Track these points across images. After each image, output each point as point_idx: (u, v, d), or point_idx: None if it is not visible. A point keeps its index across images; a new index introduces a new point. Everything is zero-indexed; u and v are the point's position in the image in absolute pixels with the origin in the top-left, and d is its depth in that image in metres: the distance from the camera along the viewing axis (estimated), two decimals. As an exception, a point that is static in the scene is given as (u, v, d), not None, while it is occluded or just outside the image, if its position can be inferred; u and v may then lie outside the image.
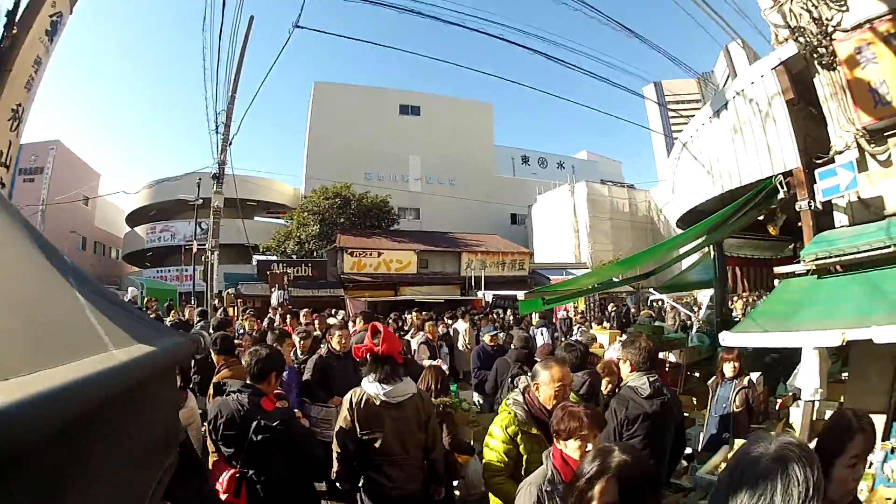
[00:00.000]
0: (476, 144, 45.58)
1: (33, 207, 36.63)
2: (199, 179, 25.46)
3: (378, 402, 3.74)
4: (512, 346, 7.91)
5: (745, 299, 20.69)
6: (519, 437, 3.41)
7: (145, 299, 21.84)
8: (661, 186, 44.09)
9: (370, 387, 3.77)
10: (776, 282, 7.04)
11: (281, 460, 3.59)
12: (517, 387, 4.07)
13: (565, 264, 33.19)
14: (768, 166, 7.42)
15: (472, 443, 5.44)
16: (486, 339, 9.06)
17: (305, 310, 12.03)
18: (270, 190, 41.87)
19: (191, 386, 5.64)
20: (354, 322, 10.08)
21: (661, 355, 8.88)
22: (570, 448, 2.72)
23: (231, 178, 21.13)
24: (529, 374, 3.90)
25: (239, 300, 24.54)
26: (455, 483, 5.00)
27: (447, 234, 32.77)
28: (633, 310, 24.09)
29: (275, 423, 3.54)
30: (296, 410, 4.27)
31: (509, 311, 21.22)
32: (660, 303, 26.00)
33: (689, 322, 16.18)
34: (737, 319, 10.37)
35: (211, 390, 5.01)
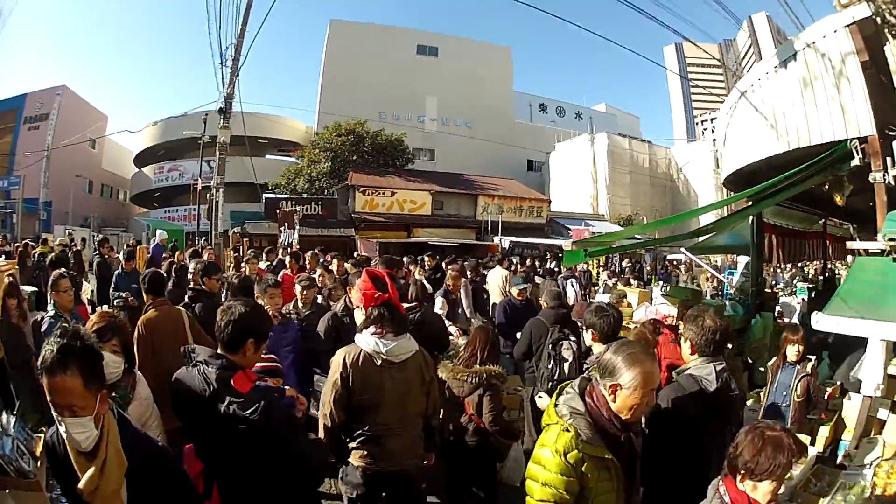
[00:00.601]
0: (494, 88, 43.94)
1: (39, 154, 35.54)
2: (206, 115, 24.29)
3: (379, 362, 3.14)
4: (542, 303, 6.44)
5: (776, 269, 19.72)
6: (585, 465, 2.11)
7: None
8: (679, 145, 42.78)
9: (369, 342, 3.14)
10: (848, 258, 5.96)
11: (258, 460, 2.53)
12: (560, 357, 3.96)
13: (584, 215, 32.07)
14: (841, 128, 6.33)
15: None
16: (514, 291, 7.63)
17: (311, 252, 10.40)
18: (282, 127, 40.50)
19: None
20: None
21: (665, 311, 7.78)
22: (761, 492, 1.99)
23: (239, 115, 19.94)
24: (598, 368, 2.45)
25: (245, 240, 23.51)
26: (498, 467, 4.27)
27: (463, 175, 31.47)
28: (647, 267, 22.74)
29: (248, 412, 2.40)
30: (291, 391, 2.97)
31: (528, 259, 19.93)
32: (676, 262, 24.93)
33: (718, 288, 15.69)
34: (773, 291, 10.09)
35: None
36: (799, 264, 18.96)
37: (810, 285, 13.31)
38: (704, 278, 18.63)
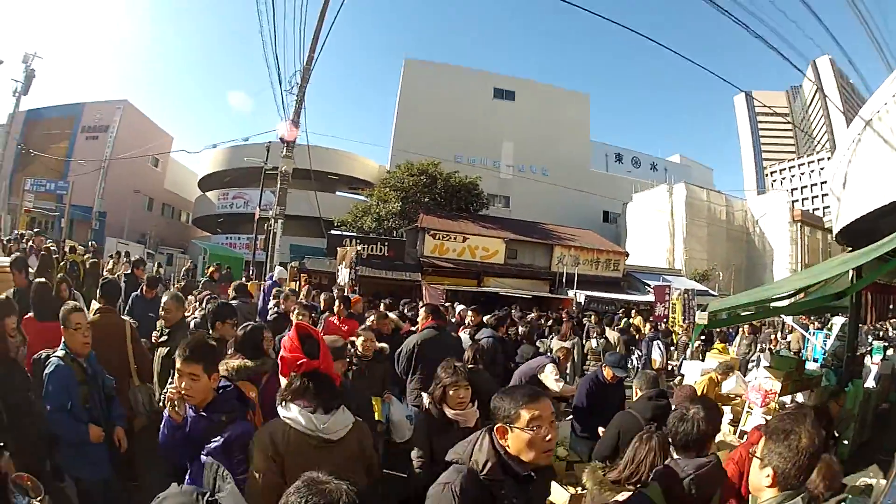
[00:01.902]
0: (571, 135, 42.28)
1: (95, 163, 35.31)
2: (269, 144, 23.21)
3: (314, 442, 2.54)
4: (636, 390, 4.87)
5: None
6: None
7: (208, 267, 19.84)
8: (752, 196, 40.22)
9: (299, 418, 2.54)
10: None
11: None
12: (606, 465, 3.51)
13: (661, 269, 29.79)
14: None
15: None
16: (607, 371, 5.68)
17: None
18: (354, 164, 39.59)
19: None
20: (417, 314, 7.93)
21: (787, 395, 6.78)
22: None
23: (305, 147, 19.34)
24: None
25: (303, 275, 22.06)
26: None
27: (539, 224, 29.44)
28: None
29: None
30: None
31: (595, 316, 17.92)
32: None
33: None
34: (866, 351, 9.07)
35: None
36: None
37: (885, 343, 11.98)
38: (796, 340, 16.18)
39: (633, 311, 19.58)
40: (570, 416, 6.51)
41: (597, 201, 39.33)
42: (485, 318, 9.72)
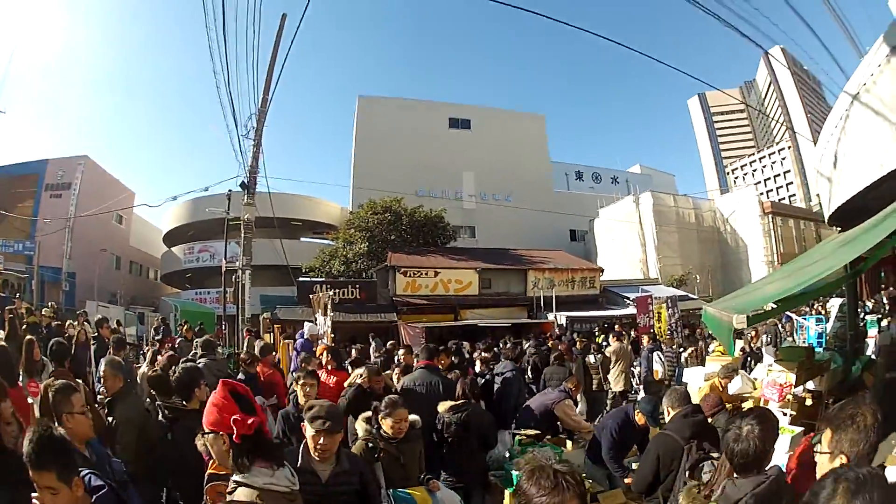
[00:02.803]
0: (530, 158, 42.23)
1: (60, 223, 34.35)
2: (230, 192, 22.22)
3: (291, 497, 2.42)
4: (667, 409, 4.39)
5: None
6: None
7: (179, 323, 19.11)
8: (721, 196, 40.20)
9: (280, 478, 2.37)
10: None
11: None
12: (699, 482, 3.17)
13: (637, 280, 29.32)
14: None
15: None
16: (639, 417, 5.14)
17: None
18: (316, 208, 38.88)
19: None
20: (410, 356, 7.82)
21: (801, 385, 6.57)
22: None
23: (267, 195, 18.47)
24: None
25: (276, 326, 21.19)
26: None
27: (509, 250, 28.77)
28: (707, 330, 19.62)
29: None
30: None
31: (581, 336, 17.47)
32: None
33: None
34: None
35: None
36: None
37: (877, 316, 11.50)
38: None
39: (609, 332, 18.86)
40: (582, 444, 6.25)
41: (563, 221, 38.80)
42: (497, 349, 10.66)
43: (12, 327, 9.09)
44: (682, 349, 14.12)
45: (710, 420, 4.36)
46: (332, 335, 15.44)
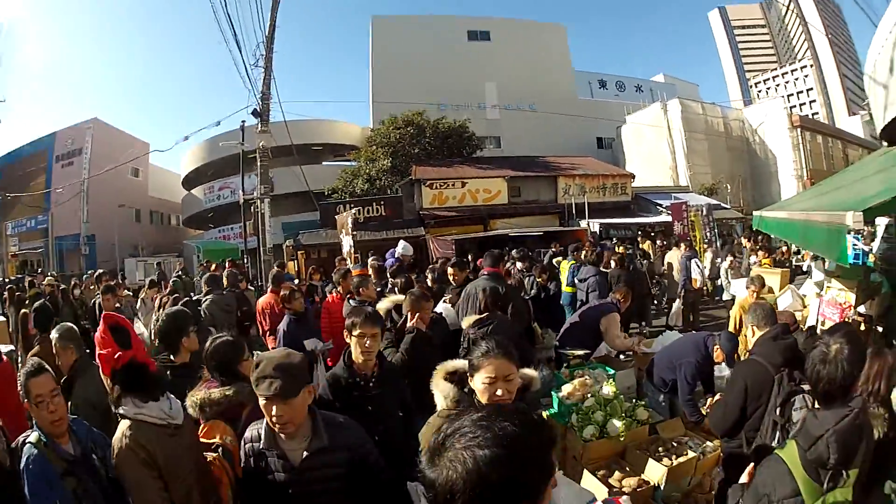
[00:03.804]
0: (553, 68, 40.29)
1: (75, 188, 33.57)
2: (243, 122, 21.28)
3: (170, 430, 2.41)
4: (752, 328, 3.72)
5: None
6: None
7: (201, 263, 18.50)
8: (751, 106, 38.44)
9: (153, 409, 2.39)
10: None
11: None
12: (789, 426, 2.81)
13: (668, 188, 28.17)
14: None
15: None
16: (718, 353, 4.48)
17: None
18: (336, 131, 37.48)
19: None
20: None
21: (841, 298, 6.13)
22: None
23: (283, 123, 18.28)
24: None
25: (300, 252, 20.51)
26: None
27: (537, 158, 27.57)
28: (743, 241, 18.52)
29: None
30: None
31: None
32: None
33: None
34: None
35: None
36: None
37: None
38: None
39: (640, 237, 17.91)
40: (633, 363, 5.69)
41: (589, 129, 37.61)
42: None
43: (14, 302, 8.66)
44: (719, 259, 13.56)
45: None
46: (356, 254, 14.76)
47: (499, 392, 2.22)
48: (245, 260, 22.82)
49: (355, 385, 3.14)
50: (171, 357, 3.55)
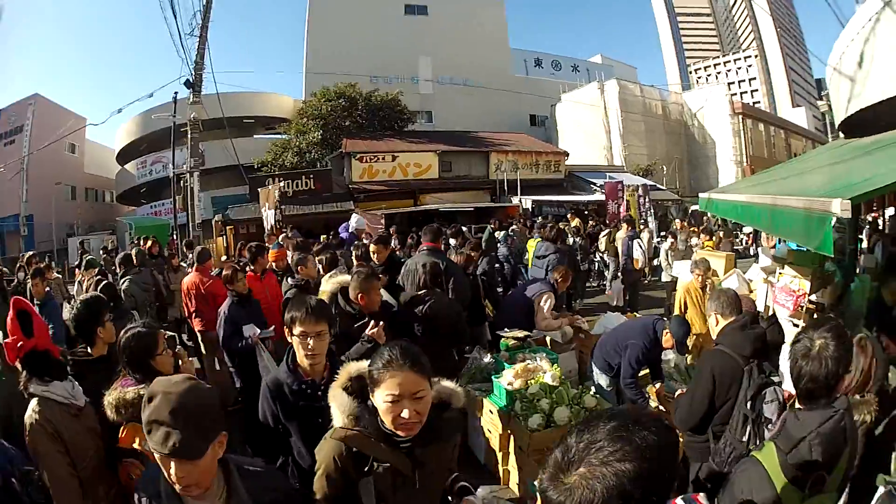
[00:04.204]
0: (489, 44, 39.72)
1: (15, 167, 31.77)
2: (176, 94, 20.28)
3: (73, 411, 2.45)
4: (715, 316, 3.33)
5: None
6: None
7: (132, 241, 17.65)
8: (691, 91, 38.81)
9: (57, 389, 2.42)
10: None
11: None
12: (761, 419, 2.68)
13: (603, 167, 28.17)
14: None
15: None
16: (667, 338, 4.23)
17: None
18: (268, 103, 36.05)
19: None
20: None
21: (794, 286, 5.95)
22: None
23: (216, 96, 17.91)
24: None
25: (229, 227, 19.79)
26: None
27: (470, 133, 27.19)
28: (677, 221, 18.67)
29: None
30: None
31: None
32: (704, 214, 21.48)
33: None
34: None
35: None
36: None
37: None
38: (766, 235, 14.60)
39: (570, 214, 17.66)
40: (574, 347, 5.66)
41: (523, 106, 37.26)
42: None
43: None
44: (657, 239, 13.69)
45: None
46: (282, 228, 14.24)
47: (405, 413, 1.70)
48: (175, 235, 21.95)
49: (301, 393, 2.53)
50: (88, 350, 3.07)
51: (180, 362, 3.16)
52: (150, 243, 12.77)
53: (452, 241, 9.61)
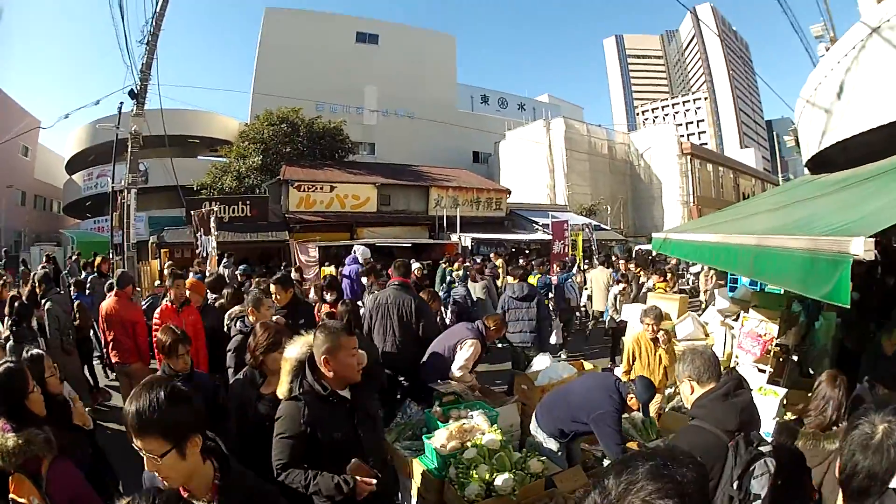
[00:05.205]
0: (437, 78, 39.69)
1: None
2: (121, 104, 19.33)
3: None
4: (687, 381, 2.91)
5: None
6: None
7: (69, 256, 16.54)
8: (638, 131, 39.18)
9: None
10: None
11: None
12: (749, 496, 2.30)
13: (545, 206, 28.03)
14: None
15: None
16: (633, 402, 3.97)
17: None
18: (213, 124, 35.05)
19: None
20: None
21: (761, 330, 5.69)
22: None
23: (158, 112, 16.89)
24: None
25: (163, 250, 19.00)
26: None
27: (410, 166, 26.76)
28: (620, 260, 18.57)
29: None
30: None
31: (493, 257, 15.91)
32: (649, 253, 21.53)
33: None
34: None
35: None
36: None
37: None
38: (704, 275, 14.45)
39: (493, 254, 17.22)
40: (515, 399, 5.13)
41: (466, 142, 37.26)
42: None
43: None
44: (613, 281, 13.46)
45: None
46: (218, 256, 13.66)
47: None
48: (111, 254, 20.94)
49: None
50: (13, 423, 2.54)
51: (72, 404, 3.04)
52: (99, 260, 12.25)
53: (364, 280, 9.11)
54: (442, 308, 8.35)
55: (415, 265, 10.56)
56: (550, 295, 10.74)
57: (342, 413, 2.57)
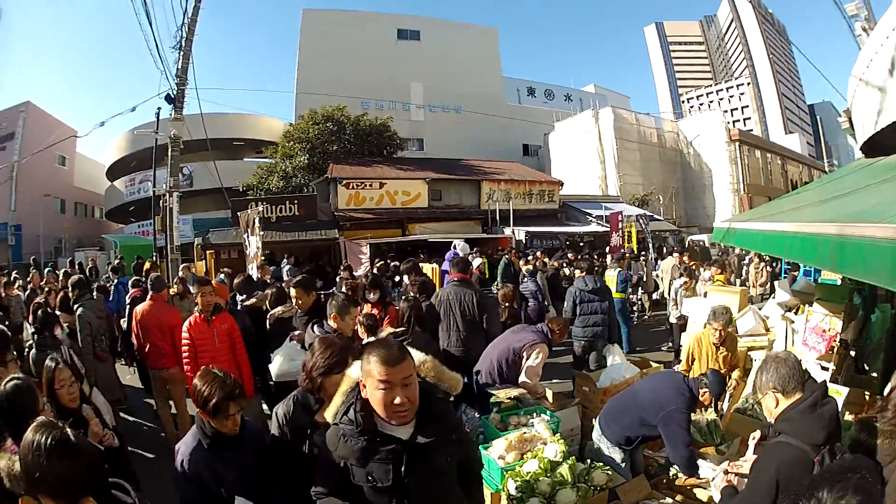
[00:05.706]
0: (482, 71, 38.98)
1: (3, 174, 30.36)
2: (159, 109, 19.08)
3: None
4: (765, 389, 2.50)
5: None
6: None
7: (110, 261, 17.86)
8: (686, 119, 37.80)
9: None
10: None
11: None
12: None
13: (598, 197, 26.96)
14: None
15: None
16: (705, 396, 3.73)
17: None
18: (259, 127, 34.99)
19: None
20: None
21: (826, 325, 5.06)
22: None
23: (201, 116, 15.79)
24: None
25: (209, 252, 18.55)
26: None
27: (460, 160, 25.98)
28: (675, 251, 17.49)
29: None
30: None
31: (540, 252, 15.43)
32: (701, 244, 20.50)
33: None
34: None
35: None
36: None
37: None
38: (755, 268, 13.32)
39: (513, 251, 16.22)
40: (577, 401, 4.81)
41: (515, 134, 36.60)
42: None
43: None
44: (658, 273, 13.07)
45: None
46: (262, 256, 13.05)
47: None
48: (155, 257, 20.70)
49: None
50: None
51: (91, 423, 2.96)
52: (148, 265, 11.91)
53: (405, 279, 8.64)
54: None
55: (476, 261, 10.36)
56: (629, 290, 10.46)
57: (384, 453, 1.98)
